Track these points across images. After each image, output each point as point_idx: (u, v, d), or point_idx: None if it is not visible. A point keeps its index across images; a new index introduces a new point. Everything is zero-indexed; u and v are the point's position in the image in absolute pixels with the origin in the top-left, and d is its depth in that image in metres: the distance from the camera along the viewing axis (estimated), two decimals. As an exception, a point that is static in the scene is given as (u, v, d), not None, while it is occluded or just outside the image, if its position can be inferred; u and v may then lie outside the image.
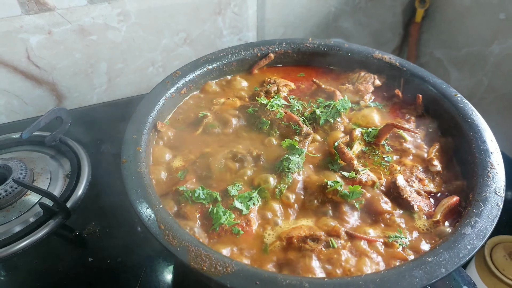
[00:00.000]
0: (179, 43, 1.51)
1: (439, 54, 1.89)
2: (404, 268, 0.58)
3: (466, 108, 0.86)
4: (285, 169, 0.78)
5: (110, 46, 1.42)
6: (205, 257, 0.59)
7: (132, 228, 1.01)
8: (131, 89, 1.54)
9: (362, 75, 1.03)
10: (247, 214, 0.71)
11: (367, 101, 0.99)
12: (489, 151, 0.76)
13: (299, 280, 0.56)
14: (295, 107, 0.97)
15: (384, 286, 0.56)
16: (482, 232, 0.63)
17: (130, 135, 0.81)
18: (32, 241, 0.97)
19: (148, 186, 0.71)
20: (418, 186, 0.77)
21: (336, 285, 0.56)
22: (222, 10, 1.50)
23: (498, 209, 0.66)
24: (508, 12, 1.50)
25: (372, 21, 1.85)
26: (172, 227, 0.64)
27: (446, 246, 0.61)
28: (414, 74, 0.98)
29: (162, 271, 0.92)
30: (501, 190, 0.69)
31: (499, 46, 1.57)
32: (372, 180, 0.76)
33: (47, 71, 1.38)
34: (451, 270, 0.58)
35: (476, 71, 1.70)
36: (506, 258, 1.10)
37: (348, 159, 0.79)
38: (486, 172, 0.72)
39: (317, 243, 0.66)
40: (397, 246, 0.66)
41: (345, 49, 1.08)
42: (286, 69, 1.12)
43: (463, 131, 0.83)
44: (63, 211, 1.00)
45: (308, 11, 1.67)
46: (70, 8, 1.30)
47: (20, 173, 1.07)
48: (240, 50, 1.08)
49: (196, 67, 1.02)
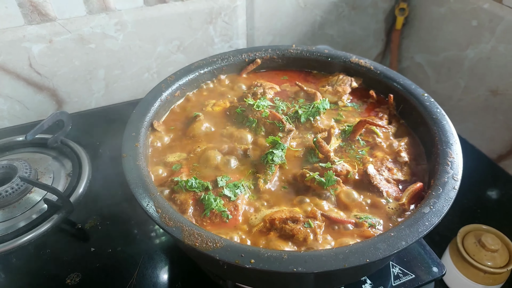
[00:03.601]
0: (172, 51, 1.61)
1: (419, 58, 2.00)
2: (370, 242, 0.67)
3: (431, 106, 0.96)
4: (269, 161, 0.87)
5: (108, 54, 1.50)
6: (197, 235, 0.68)
7: (130, 220, 1.09)
8: (128, 94, 1.63)
9: (340, 77, 1.13)
10: (235, 200, 0.80)
11: (345, 101, 1.08)
12: (450, 143, 0.86)
13: (279, 253, 0.65)
14: (280, 107, 1.07)
15: (352, 256, 0.64)
16: (439, 211, 0.72)
17: (129, 133, 0.89)
18: (37, 234, 1.05)
19: (146, 176, 0.80)
20: (387, 174, 0.86)
21: (311, 256, 0.65)
22: (213, 19, 1.60)
23: (454, 192, 0.75)
24: (480, 19, 1.61)
25: (355, 28, 1.96)
26: (168, 211, 0.73)
27: (407, 223, 0.70)
28: (386, 76, 1.08)
29: (159, 258, 1.00)
30: (458, 175, 0.79)
31: (473, 51, 1.68)
32: (346, 170, 0.85)
33: (48, 78, 1.46)
34: (410, 243, 0.67)
35: (453, 74, 1.81)
36: (476, 244, 1.20)
37: (325, 151, 0.88)
38: (446, 160, 0.82)
39: (296, 224, 0.74)
40: (366, 226, 0.75)
41: (325, 55, 1.18)
42: (272, 73, 1.22)
43: (428, 126, 0.93)
44: (67, 206, 1.08)
45: (295, 20, 1.78)
46: (70, 19, 1.39)
47: (25, 172, 1.15)
48: (229, 56, 1.18)
49: (189, 71, 1.11)
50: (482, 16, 1.60)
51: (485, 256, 1.17)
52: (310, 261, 0.64)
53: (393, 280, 0.95)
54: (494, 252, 1.17)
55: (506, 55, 1.53)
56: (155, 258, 1.01)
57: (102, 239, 1.06)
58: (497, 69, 1.58)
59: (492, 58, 1.60)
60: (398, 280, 0.96)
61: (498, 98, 1.62)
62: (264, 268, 0.63)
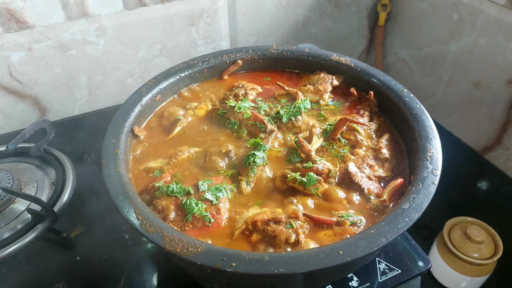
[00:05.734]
0: (155, 55, 1.60)
1: (403, 54, 2.01)
2: (350, 240, 0.67)
3: (411, 101, 0.97)
4: (251, 163, 0.87)
5: (90, 60, 1.49)
6: (178, 240, 0.68)
7: (116, 227, 1.08)
8: (111, 100, 1.62)
9: (321, 76, 1.13)
10: (217, 204, 0.80)
11: (326, 100, 1.09)
12: (429, 137, 0.87)
13: (260, 255, 0.65)
14: (262, 108, 1.07)
15: (332, 255, 0.65)
16: (419, 206, 0.72)
17: (109, 139, 0.89)
18: (22, 244, 1.04)
19: (127, 183, 0.79)
20: (369, 172, 0.87)
21: (292, 257, 0.65)
22: (195, 21, 1.59)
23: (434, 186, 0.76)
24: (460, 13, 1.63)
25: (339, 26, 1.96)
26: (149, 217, 0.72)
27: (387, 220, 0.71)
28: (366, 73, 1.08)
29: (145, 264, 1.00)
30: (437, 170, 0.79)
31: (455, 45, 1.70)
32: (328, 169, 0.85)
33: (29, 86, 1.44)
34: (390, 239, 0.67)
35: (437, 68, 1.82)
36: (462, 237, 1.21)
37: (307, 151, 0.88)
38: (425, 155, 0.82)
39: (278, 225, 0.74)
40: (348, 224, 0.75)
41: (306, 54, 1.18)
42: (254, 74, 1.22)
43: (408, 122, 0.93)
44: (51, 215, 1.07)
45: (278, 20, 1.78)
46: (49, 25, 1.37)
47: (7, 183, 1.13)
48: (210, 58, 1.18)
49: (169, 75, 1.11)
50: (462, 10, 1.61)
51: (471, 248, 1.19)
52: (291, 261, 0.64)
53: (379, 276, 0.96)
54: (480, 244, 1.19)
55: (487, 48, 1.55)
56: (142, 264, 1.00)
57: (88, 247, 1.05)
58: (479, 62, 1.60)
59: (473, 51, 1.61)
60: (384, 275, 0.96)
61: (481, 91, 1.64)
62: (246, 271, 0.63)
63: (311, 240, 0.75)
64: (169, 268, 0.99)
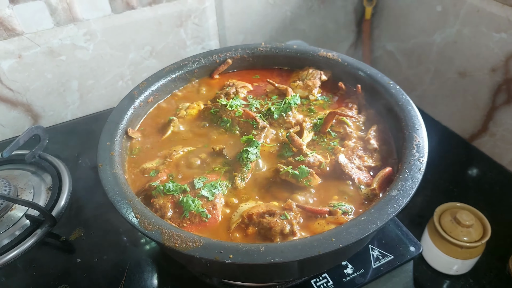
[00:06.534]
0: (145, 56, 1.61)
1: (390, 47, 2.05)
2: (342, 227, 0.70)
3: (397, 93, 1.00)
4: (245, 159, 0.90)
5: (80, 65, 1.50)
6: (177, 236, 0.70)
7: (114, 229, 1.10)
8: (103, 103, 1.63)
9: (310, 72, 1.15)
10: (213, 200, 0.82)
11: (316, 94, 1.11)
12: (415, 127, 0.90)
13: (256, 246, 0.68)
14: (253, 105, 1.09)
15: (325, 243, 0.67)
16: (407, 193, 0.75)
17: (104, 142, 0.90)
18: (22, 250, 1.05)
19: (124, 184, 0.81)
20: (358, 162, 0.90)
21: (287, 246, 0.67)
22: (183, 22, 1.61)
23: (421, 173, 0.79)
24: (444, 4, 1.66)
25: (326, 21, 1.99)
26: (147, 215, 0.74)
27: (377, 207, 0.73)
28: (354, 67, 1.11)
29: (145, 263, 1.02)
30: (423, 158, 0.82)
31: (440, 36, 1.73)
32: (319, 161, 0.88)
33: (20, 93, 1.45)
34: (380, 225, 0.70)
35: (423, 60, 1.86)
36: (452, 222, 1.25)
37: (298, 145, 0.91)
38: (412, 144, 0.86)
39: (273, 217, 0.77)
40: (340, 213, 0.78)
41: (294, 50, 1.20)
42: (244, 72, 1.24)
43: (395, 112, 0.96)
44: (49, 220, 1.08)
45: (265, 17, 1.80)
46: (38, 32, 1.38)
47: (4, 190, 1.14)
48: (200, 58, 1.20)
49: (160, 77, 1.13)
50: (446, 1, 1.65)
51: (461, 232, 1.23)
52: (287, 251, 0.67)
53: (373, 262, 0.99)
54: (469, 228, 1.23)
55: (471, 38, 1.59)
56: (142, 263, 1.02)
57: (88, 249, 1.07)
58: (463, 52, 1.64)
59: (458, 41, 1.65)
60: (378, 262, 0.99)
61: (466, 80, 1.68)
62: (243, 262, 0.66)
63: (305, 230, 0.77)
64: (169, 265, 1.01)
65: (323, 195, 0.85)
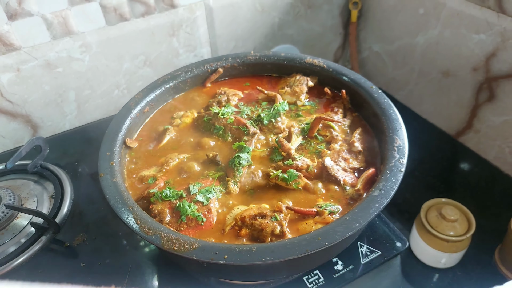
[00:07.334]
0: (139, 66, 1.66)
1: (377, 48, 2.11)
2: (328, 227, 0.76)
3: (379, 97, 1.06)
4: (237, 165, 0.95)
5: (76, 76, 1.55)
6: (175, 239, 0.75)
7: (115, 233, 1.15)
8: (100, 112, 1.68)
9: (297, 78, 1.21)
10: (208, 204, 0.88)
11: (303, 100, 1.17)
12: (396, 129, 0.96)
13: (248, 247, 0.73)
14: (244, 112, 1.15)
15: (313, 241, 0.73)
16: (388, 192, 0.81)
17: (104, 152, 0.96)
18: (28, 256, 1.10)
19: (124, 192, 0.86)
20: (344, 164, 0.96)
21: (277, 246, 0.73)
22: (175, 31, 1.66)
23: (401, 174, 0.85)
24: (425, 7, 1.73)
25: (313, 25, 2.05)
26: (147, 221, 0.80)
27: (360, 206, 0.79)
28: (338, 73, 1.17)
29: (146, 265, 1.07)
30: (404, 159, 0.88)
31: (423, 37, 1.80)
32: (306, 164, 0.94)
33: (19, 105, 1.50)
34: (363, 224, 0.76)
35: (408, 61, 1.93)
36: (438, 217, 1.31)
37: (287, 149, 0.97)
38: (393, 146, 0.91)
39: (264, 219, 0.83)
40: (327, 213, 0.84)
41: (282, 58, 1.26)
42: (234, 80, 1.29)
43: (378, 116, 1.02)
44: (53, 227, 1.13)
45: (254, 24, 1.86)
46: (35, 46, 1.43)
47: (9, 199, 1.19)
48: (192, 68, 1.25)
49: (155, 87, 1.18)
50: (427, 4, 1.71)
51: (446, 227, 1.28)
52: (277, 250, 0.73)
53: (362, 259, 1.05)
54: (454, 222, 1.29)
55: (452, 39, 1.65)
56: (143, 266, 1.08)
57: (91, 254, 1.12)
58: (446, 53, 1.70)
59: (440, 42, 1.71)
60: (366, 258, 1.05)
61: (449, 79, 1.74)
62: (237, 262, 0.71)
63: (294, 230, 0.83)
64: (168, 267, 1.07)
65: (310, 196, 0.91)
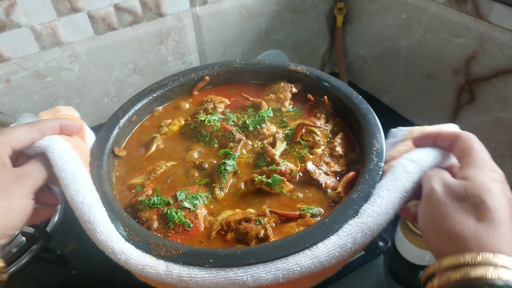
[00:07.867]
0: (128, 74, 1.69)
1: (363, 52, 2.16)
2: (309, 229, 0.79)
3: (359, 103, 1.09)
4: (223, 171, 0.98)
5: (66, 85, 1.57)
6: (162, 245, 0.78)
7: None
8: (90, 120, 1.70)
9: (281, 85, 1.25)
10: (194, 210, 0.91)
11: (287, 106, 1.21)
12: (375, 134, 0.99)
13: (233, 250, 0.76)
14: (231, 119, 1.18)
15: (294, 244, 0.76)
16: (366, 195, 0.85)
17: (93, 162, 0.98)
18: (20, 266, 1.12)
19: (112, 200, 0.89)
20: (325, 168, 0.99)
21: (260, 249, 0.76)
22: (164, 40, 1.69)
23: (378, 176, 0.88)
24: (407, 12, 1.78)
25: (300, 31, 2.09)
26: (135, 228, 0.82)
27: (339, 209, 0.83)
28: (321, 79, 1.20)
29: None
30: (381, 162, 0.92)
31: (406, 41, 1.85)
32: (290, 169, 0.97)
33: (9, 115, 1.52)
34: (342, 225, 0.79)
35: (392, 64, 1.97)
36: (420, 216, 1.35)
37: (271, 155, 1.00)
38: (371, 150, 0.95)
39: (249, 223, 0.86)
40: (309, 216, 0.87)
41: (266, 65, 1.29)
42: (221, 88, 1.32)
43: (358, 121, 1.06)
44: (44, 236, 1.15)
45: (242, 30, 1.89)
46: (24, 57, 1.45)
47: None
48: (179, 77, 1.28)
49: (142, 96, 1.21)
50: (409, 9, 1.76)
51: (429, 226, 1.33)
52: (260, 253, 0.76)
53: (346, 259, 1.08)
54: (436, 221, 1.33)
55: (433, 43, 1.70)
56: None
57: (82, 261, 1.14)
58: (428, 56, 1.75)
59: (422, 46, 1.76)
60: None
61: (432, 82, 1.80)
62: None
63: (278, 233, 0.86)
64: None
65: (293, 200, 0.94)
